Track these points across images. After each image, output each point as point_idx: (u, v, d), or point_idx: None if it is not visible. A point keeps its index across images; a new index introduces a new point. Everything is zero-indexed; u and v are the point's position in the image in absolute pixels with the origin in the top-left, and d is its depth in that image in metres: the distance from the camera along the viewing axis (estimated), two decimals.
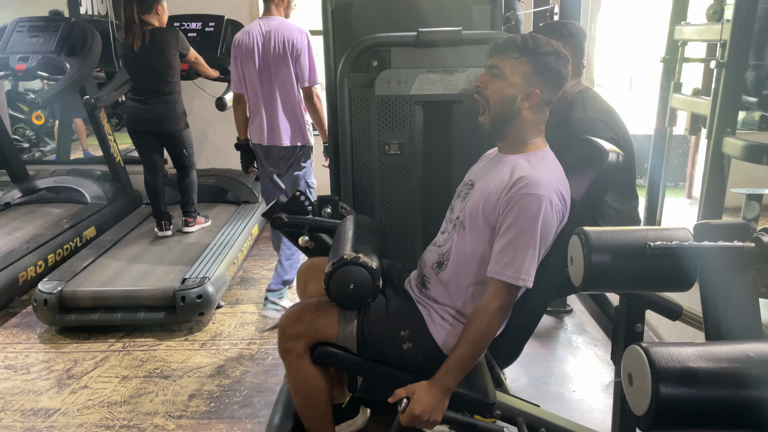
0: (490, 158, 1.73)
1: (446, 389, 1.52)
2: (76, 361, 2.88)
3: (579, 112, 2.06)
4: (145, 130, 3.90)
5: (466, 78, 2.24)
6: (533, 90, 1.53)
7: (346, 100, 2.29)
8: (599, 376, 2.65)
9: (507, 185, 1.50)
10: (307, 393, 1.69)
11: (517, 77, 1.53)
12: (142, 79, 3.81)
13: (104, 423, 2.38)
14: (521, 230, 1.46)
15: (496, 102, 1.57)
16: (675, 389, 0.84)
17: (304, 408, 1.74)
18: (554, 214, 1.48)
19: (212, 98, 4.92)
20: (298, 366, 1.65)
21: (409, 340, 1.63)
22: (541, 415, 1.78)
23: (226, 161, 5.40)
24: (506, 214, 1.48)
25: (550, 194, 1.46)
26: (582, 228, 1.15)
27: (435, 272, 1.66)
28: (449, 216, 1.74)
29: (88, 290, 3.17)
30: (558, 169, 1.56)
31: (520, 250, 1.46)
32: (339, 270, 1.51)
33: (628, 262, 1.09)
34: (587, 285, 1.12)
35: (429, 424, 1.54)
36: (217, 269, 3.35)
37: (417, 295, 1.72)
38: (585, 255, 1.10)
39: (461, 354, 1.51)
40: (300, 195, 1.99)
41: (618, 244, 1.10)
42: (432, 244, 1.75)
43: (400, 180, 2.34)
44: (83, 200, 4.64)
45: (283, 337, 1.66)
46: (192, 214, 4.13)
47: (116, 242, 3.89)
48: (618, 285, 1.21)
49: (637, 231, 1.14)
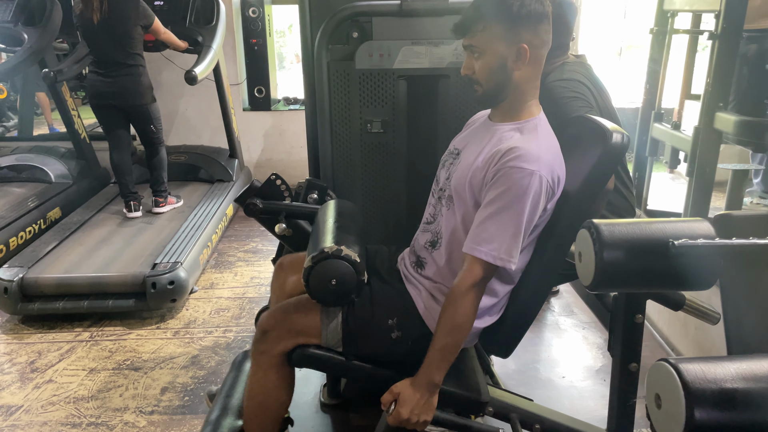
0: (478, 125, 1.58)
1: (432, 385, 1.40)
2: (40, 352, 2.72)
3: (555, 76, 1.93)
4: (108, 104, 3.69)
5: (453, 50, 2.10)
6: (520, 46, 1.37)
7: (325, 75, 2.13)
8: (588, 360, 2.57)
9: (496, 156, 1.36)
10: (264, 402, 1.57)
11: (497, 44, 1.38)
12: (103, 52, 3.59)
13: (70, 420, 2.24)
14: (506, 205, 1.32)
15: (488, 78, 1.43)
16: (711, 414, 0.73)
17: (254, 416, 1.60)
18: (544, 192, 1.35)
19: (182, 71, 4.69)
20: (268, 372, 1.53)
21: (398, 329, 1.51)
22: (535, 410, 1.69)
23: (198, 137, 5.20)
24: (492, 186, 1.34)
25: (542, 169, 1.33)
26: (592, 221, 1.03)
27: (429, 252, 1.54)
28: (434, 188, 1.61)
29: (52, 277, 2.99)
30: (551, 139, 1.43)
31: (503, 227, 1.32)
32: (319, 264, 1.38)
33: (645, 259, 0.98)
34: (598, 284, 1.00)
35: (420, 426, 1.43)
36: (190, 253, 3.19)
37: (411, 273, 1.59)
38: (596, 252, 0.99)
39: (441, 343, 1.38)
40: (275, 178, 1.84)
41: (634, 239, 0.98)
42: (423, 222, 1.62)
43: (383, 160, 2.20)
44: (47, 179, 4.41)
45: (260, 338, 1.52)
46: (162, 194, 3.95)
47: (82, 224, 3.70)
48: (633, 284, 1.09)
49: (653, 224, 1.02)
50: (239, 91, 5.15)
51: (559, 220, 1.40)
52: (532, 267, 1.45)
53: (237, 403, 1.71)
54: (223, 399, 1.77)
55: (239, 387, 1.78)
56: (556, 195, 1.39)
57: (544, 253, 1.40)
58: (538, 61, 1.43)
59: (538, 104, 1.47)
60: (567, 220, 1.40)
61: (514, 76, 1.41)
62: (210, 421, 1.67)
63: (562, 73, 1.92)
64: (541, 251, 1.39)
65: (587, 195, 1.39)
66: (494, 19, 1.37)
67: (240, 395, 1.72)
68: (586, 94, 1.93)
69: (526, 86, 1.44)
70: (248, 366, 1.78)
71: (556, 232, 1.40)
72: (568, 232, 1.43)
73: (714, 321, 1.60)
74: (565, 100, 1.82)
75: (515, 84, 1.43)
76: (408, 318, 1.52)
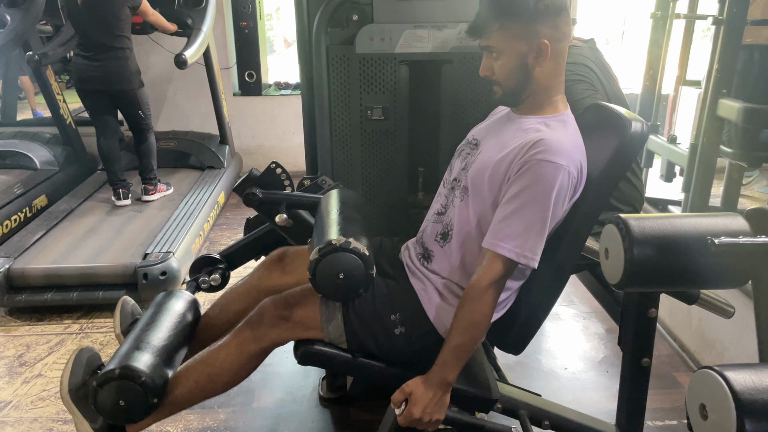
0: (500, 116, 1.52)
1: (446, 384, 1.35)
2: (29, 345, 2.64)
3: None
4: (95, 89, 3.58)
5: (457, 34, 2.03)
6: (540, 42, 1.31)
7: (323, 59, 2.05)
8: (590, 351, 2.54)
9: (522, 148, 1.30)
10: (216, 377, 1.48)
11: (515, 42, 1.32)
12: (89, 34, 3.47)
13: (61, 417, 2.17)
14: (531, 200, 1.26)
15: (508, 79, 1.37)
16: (763, 425, 0.68)
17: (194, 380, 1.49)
18: (570, 187, 1.30)
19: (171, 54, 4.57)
20: (245, 356, 1.46)
21: (401, 324, 1.45)
22: (544, 406, 1.65)
23: (186, 123, 5.08)
24: (516, 179, 1.28)
25: (570, 165, 1.27)
26: (620, 216, 0.98)
27: (440, 245, 1.48)
28: (447, 177, 1.55)
29: (39, 267, 2.90)
30: (578, 135, 1.37)
31: (528, 223, 1.27)
32: (327, 257, 1.32)
33: (680, 257, 0.92)
34: (627, 282, 0.95)
35: (431, 425, 1.38)
36: (181, 242, 3.12)
37: (416, 266, 1.53)
38: (626, 248, 0.93)
39: (457, 342, 1.33)
40: (276, 167, 1.77)
41: (666, 236, 0.93)
42: (432, 212, 1.56)
43: (383, 148, 2.13)
44: (32, 166, 4.28)
45: (257, 321, 1.46)
46: (152, 182, 3.85)
47: (70, 213, 3.60)
48: (665, 283, 1.04)
49: (685, 220, 0.97)
50: (229, 75, 5.03)
51: (575, 215, 1.35)
52: (545, 263, 1.39)
53: (155, 343, 1.54)
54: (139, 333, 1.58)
55: (156, 326, 1.61)
56: (578, 193, 1.33)
57: (558, 248, 1.34)
58: (560, 54, 1.36)
59: (565, 100, 1.41)
60: (582, 214, 1.35)
61: (535, 73, 1.35)
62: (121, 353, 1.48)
63: (568, 57, 1.87)
64: (555, 247, 1.34)
65: (603, 188, 1.34)
66: (511, 17, 1.31)
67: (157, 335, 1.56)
68: (591, 77, 1.88)
69: (550, 81, 1.37)
70: (171, 306, 1.69)
71: (572, 227, 1.35)
72: (584, 226, 1.38)
73: (728, 315, 1.57)
74: (568, 83, 1.77)
75: (537, 81, 1.36)
76: (412, 313, 1.47)
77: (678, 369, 2.40)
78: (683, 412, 2.14)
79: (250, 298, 1.72)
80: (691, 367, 2.40)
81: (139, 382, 1.39)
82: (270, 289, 1.69)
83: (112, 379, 1.39)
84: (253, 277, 1.78)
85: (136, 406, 1.41)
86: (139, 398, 1.40)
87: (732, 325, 2.17)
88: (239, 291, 1.78)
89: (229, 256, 2.03)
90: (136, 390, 1.39)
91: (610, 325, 2.71)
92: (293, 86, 5.27)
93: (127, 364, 1.41)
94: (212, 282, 1.94)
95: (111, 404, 1.40)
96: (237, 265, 2.06)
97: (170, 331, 1.59)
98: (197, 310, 1.79)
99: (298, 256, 1.74)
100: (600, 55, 2.00)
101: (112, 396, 1.39)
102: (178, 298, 1.75)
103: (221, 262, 1.99)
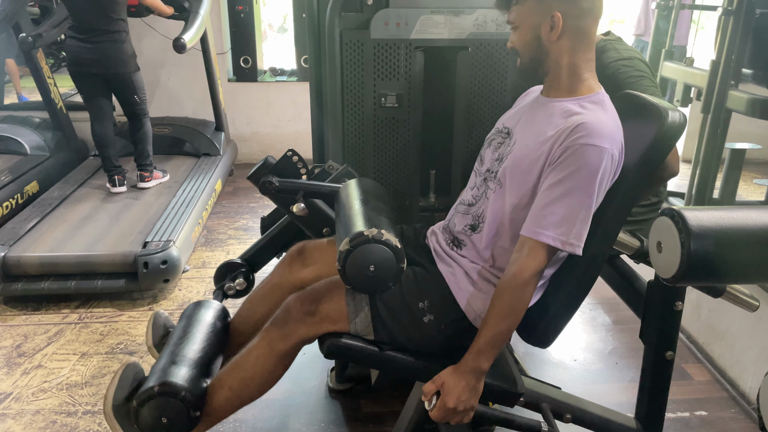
0: (530, 102, 1.48)
1: (479, 372, 1.32)
2: (26, 335, 2.57)
3: (610, 56, 1.82)
4: (89, 72, 3.49)
5: (474, 21, 1.98)
6: (552, 14, 1.31)
7: (337, 44, 2.00)
8: (598, 342, 2.54)
9: (563, 132, 1.27)
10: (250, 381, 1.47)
11: (530, 16, 1.35)
12: (84, 16, 3.37)
13: (65, 409, 2.12)
14: (576, 186, 1.24)
15: (524, 48, 1.39)
16: None
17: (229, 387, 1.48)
18: (612, 171, 1.28)
19: (164, 38, 4.48)
20: (275, 356, 1.44)
21: (430, 312, 1.42)
22: (565, 399, 1.63)
23: (180, 109, 4.99)
24: (559, 165, 1.25)
25: (613, 147, 1.25)
26: (672, 208, 0.95)
27: (468, 235, 1.45)
28: (478, 168, 1.51)
29: (35, 255, 2.82)
30: (616, 115, 1.34)
31: (574, 209, 1.24)
32: (358, 249, 1.27)
33: (742, 251, 0.90)
34: (683, 277, 0.93)
35: (465, 415, 1.34)
36: (182, 230, 3.05)
37: (445, 250, 1.50)
38: (683, 242, 0.90)
39: (494, 330, 1.30)
40: (292, 154, 1.72)
41: (726, 228, 0.90)
42: (460, 203, 1.52)
43: (397, 136, 2.09)
44: (22, 151, 4.18)
45: (284, 320, 1.42)
46: (148, 168, 3.77)
47: (64, 200, 3.51)
48: (725, 277, 1.02)
49: (743, 212, 0.94)
50: (224, 60, 4.93)
51: (609, 205, 1.32)
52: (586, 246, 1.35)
53: (191, 355, 1.54)
54: (173, 347, 1.57)
55: (189, 338, 1.61)
56: (617, 175, 1.30)
57: (592, 238, 1.30)
58: (581, 31, 1.33)
59: (596, 79, 1.38)
60: (617, 205, 1.32)
61: (552, 48, 1.34)
62: (158, 369, 1.48)
63: (618, 52, 1.82)
64: (588, 238, 1.30)
65: (639, 179, 1.31)
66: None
67: (192, 347, 1.56)
68: (647, 72, 1.82)
69: (574, 59, 1.35)
70: (201, 317, 1.70)
71: (606, 217, 1.32)
72: (618, 217, 1.35)
73: (754, 308, 1.55)
74: (632, 80, 1.73)
75: (556, 56, 1.35)
76: (441, 300, 1.43)
77: (687, 361, 2.40)
78: (694, 404, 2.15)
79: (275, 297, 1.69)
80: (700, 359, 2.40)
81: (179, 398, 1.38)
82: (293, 286, 1.67)
83: (152, 397, 1.37)
84: (275, 276, 1.75)
85: (178, 422, 1.39)
86: (181, 413, 1.39)
87: (743, 317, 2.17)
88: (263, 292, 1.76)
89: (251, 258, 2.04)
90: (177, 406, 1.38)
91: (617, 316, 2.71)
92: (289, 72, 5.18)
93: (165, 380, 1.39)
94: (237, 287, 1.97)
95: (153, 422, 1.38)
96: (260, 266, 2.06)
97: (204, 342, 1.59)
98: (227, 318, 1.79)
99: (317, 250, 1.70)
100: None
101: (153, 414, 1.38)
102: (207, 308, 1.75)
103: (243, 265, 2.01)
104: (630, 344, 2.49)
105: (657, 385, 1.59)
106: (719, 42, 2.60)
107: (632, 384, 2.18)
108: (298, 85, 4.98)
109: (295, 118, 5.06)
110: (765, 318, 2.07)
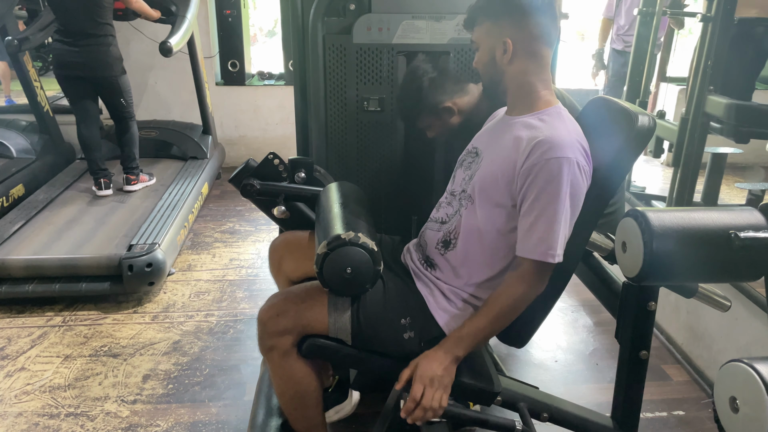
0: (496, 122, 1.53)
1: (454, 356, 1.35)
2: (10, 338, 2.57)
3: None
4: (76, 75, 3.49)
5: (455, 26, 2.02)
6: (503, 41, 1.37)
7: (320, 49, 2.03)
8: (579, 344, 2.57)
9: (524, 152, 1.30)
10: (297, 393, 1.49)
11: (486, 39, 1.42)
12: (70, 19, 3.38)
13: (47, 411, 2.12)
14: (550, 200, 1.27)
15: (483, 68, 1.46)
16: None
17: (293, 409, 1.54)
18: (582, 177, 1.30)
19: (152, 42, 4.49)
20: (284, 365, 1.45)
21: (411, 329, 1.45)
22: (543, 398, 1.65)
23: (168, 112, 5.00)
24: (529, 186, 1.29)
25: (576, 155, 1.28)
26: (637, 209, 0.98)
27: (441, 252, 1.47)
28: (450, 188, 1.55)
29: (20, 258, 2.82)
30: (576, 124, 1.38)
31: (551, 224, 1.28)
32: (335, 252, 1.30)
33: (702, 251, 0.93)
34: (645, 276, 0.95)
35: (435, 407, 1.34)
36: (167, 233, 3.06)
37: (421, 270, 1.52)
38: (645, 242, 0.93)
39: (480, 325, 1.34)
40: (273, 158, 1.74)
41: (687, 229, 0.93)
42: (432, 221, 1.55)
43: (379, 141, 2.12)
44: (8, 154, 4.17)
45: (264, 334, 1.44)
46: (134, 171, 3.77)
47: (49, 203, 3.51)
48: (685, 277, 1.05)
49: (703, 213, 0.97)
50: (212, 64, 4.95)
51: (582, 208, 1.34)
52: None
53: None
54: (265, 400, 1.69)
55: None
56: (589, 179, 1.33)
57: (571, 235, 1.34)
58: (533, 54, 1.38)
59: (554, 96, 1.43)
60: (588, 209, 1.35)
61: (507, 69, 1.40)
62: (256, 425, 1.58)
63: None
64: None
65: (610, 183, 1.34)
66: (483, 15, 1.42)
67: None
68: None
69: (528, 78, 1.40)
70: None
71: (579, 221, 1.35)
72: (589, 222, 1.38)
73: (725, 309, 1.59)
74: None
75: (512, 76, 1.41)
76: (422, 318, 1.46)
77: (666, 361, 2.44)
78: (672, 404, 2.19)
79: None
80: (679, 360, 2.44)
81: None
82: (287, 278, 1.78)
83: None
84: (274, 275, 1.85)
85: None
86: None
87: (721, 319, 2.21)
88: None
89: None
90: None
91: (599, 318, 2.74)
92: (277, 76, 5.20)
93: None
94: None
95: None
96: None
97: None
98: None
99: (298, 244, 1.77)
100: None
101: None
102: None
103: None
104: (610, 346, 2.52)
105: (632, 384, 1.62)
106: (698, 47, 2.65)
107: (612, 384, 2.17)
108: (286, 89, 5.00)
109: (282, 121, 5.08)
110: (741, 319, 2.11)
